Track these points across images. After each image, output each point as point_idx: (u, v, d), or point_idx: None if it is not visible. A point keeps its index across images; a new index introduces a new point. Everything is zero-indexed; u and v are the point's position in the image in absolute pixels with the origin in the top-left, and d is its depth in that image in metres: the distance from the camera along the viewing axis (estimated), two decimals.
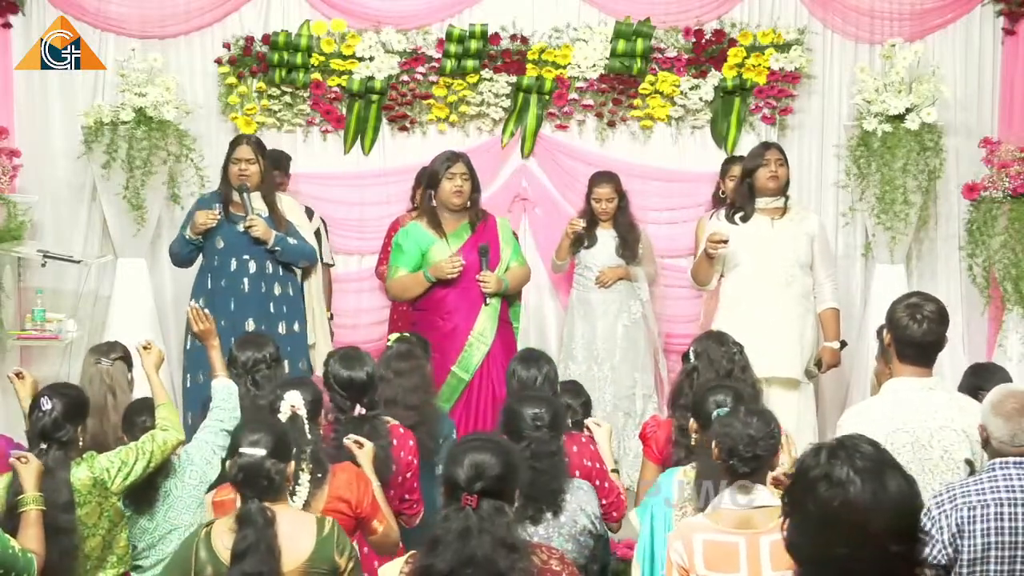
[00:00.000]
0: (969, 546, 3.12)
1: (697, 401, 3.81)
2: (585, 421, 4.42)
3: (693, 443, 3.79)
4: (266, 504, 3.16)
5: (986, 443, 3.25)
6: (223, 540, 3.15)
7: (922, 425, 3.54)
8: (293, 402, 3.66)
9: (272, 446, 3.20)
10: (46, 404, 3.67)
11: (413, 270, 5.48)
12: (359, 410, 3.99)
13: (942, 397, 3.61)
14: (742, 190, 5.61)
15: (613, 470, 4.23)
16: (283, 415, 3.64)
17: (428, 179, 5.55)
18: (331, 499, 3.63)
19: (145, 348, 4.34)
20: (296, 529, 3.19)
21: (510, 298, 5.62)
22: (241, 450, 3.20)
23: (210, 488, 3.92)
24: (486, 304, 5.40)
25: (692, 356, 4.35)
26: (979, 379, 4.70)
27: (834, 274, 5.79)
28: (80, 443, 3.80)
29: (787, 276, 5.52)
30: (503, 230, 5.61)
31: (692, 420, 3.82)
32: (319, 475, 3.61)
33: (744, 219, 5.57)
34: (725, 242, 5.37)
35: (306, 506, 3.59)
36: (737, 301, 5.52)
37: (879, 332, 4.21)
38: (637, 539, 3.73)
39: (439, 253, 5.44)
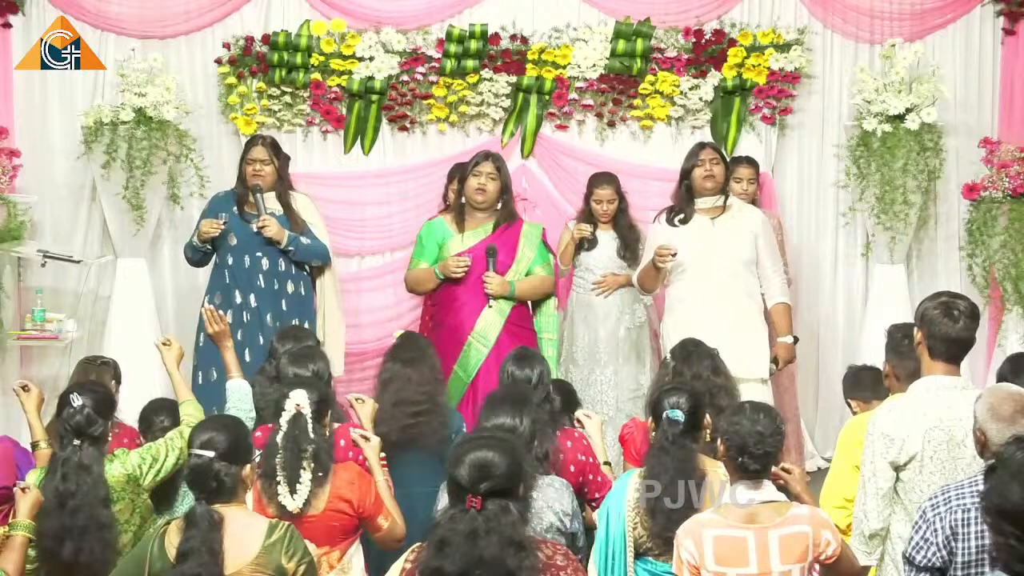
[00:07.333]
0: (964, 548, 3.09)
1: (653, 400, 3.82)
2: (575, 414, 4.41)
3: (651, 441, 3.78)
4: (216, 507, 3.13)
5: (983, 447, 3.18)
6: (172, 539, 3.14)
7: (957, 424, 3.50)
8: (298, 401, 3.67)
9: (224, 447, 3.17)
10: (77, 400, 3.64)
11: (433, 263, 5.50)
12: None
13: (974, 397, 3.59)
14: (681, 192, 5.53)
15: (605, 463, 4.22)
16: (288, 414, 3.65)
17: (460, 175, 5.60)
18: (332, 499, 3.65)
19: (165, 344, 4.34)
20: (244, 532, 3.16)
21: (536, 306, 5.58)
22: (191, 450, 3.19)
23: None
24: (489, 306, 5.39)
25: (669, 358, 4.42)
26: (1007, 372, 4.61)
27: (782, 269, 5.63)
28: (109, 439, 3.79)
29: (728, 274, 5.40)
30: (527, 236, 5.55)
31: (649, 419, 3.83)
32: (320, 474, 3.62)
33: (683, 221, 5.48)
34: (674, 255, 5.32)
35: (307, 505, 3.60)
36: (680, 301, 5.42)
37: (888, 331, 4.20)
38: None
39: (453, 248, 5.45)
